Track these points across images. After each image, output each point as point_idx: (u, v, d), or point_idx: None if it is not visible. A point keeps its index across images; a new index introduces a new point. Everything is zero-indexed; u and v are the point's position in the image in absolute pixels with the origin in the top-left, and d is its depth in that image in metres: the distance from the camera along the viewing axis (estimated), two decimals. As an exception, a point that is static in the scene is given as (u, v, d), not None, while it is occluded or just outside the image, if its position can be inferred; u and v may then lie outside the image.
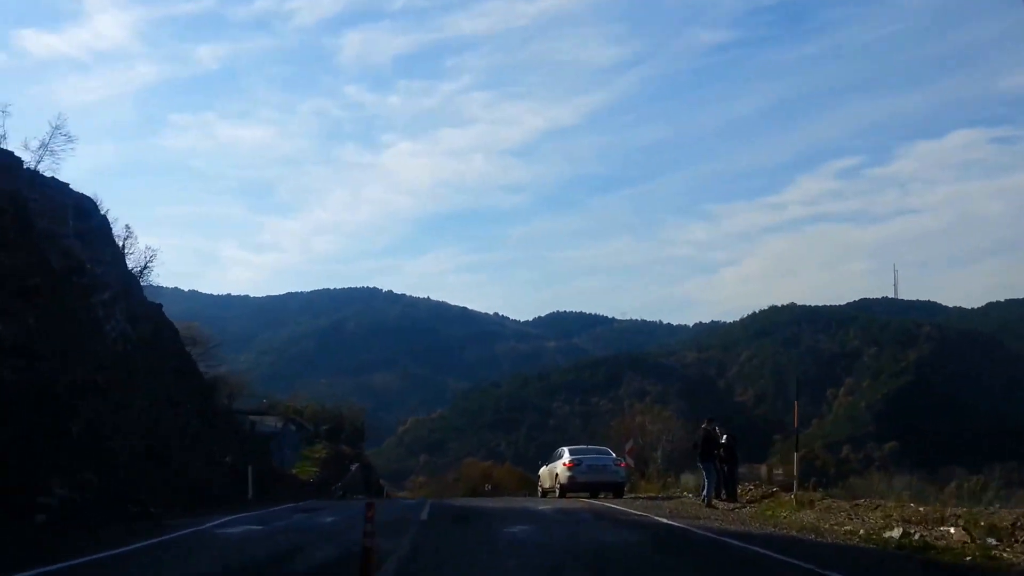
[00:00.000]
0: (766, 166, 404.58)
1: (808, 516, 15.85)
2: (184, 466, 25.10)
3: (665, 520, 15.58)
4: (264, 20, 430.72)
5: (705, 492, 20.52)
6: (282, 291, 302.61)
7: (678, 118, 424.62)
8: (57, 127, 24.27)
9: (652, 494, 27.56)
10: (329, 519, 17.15)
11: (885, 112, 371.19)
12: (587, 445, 28.77)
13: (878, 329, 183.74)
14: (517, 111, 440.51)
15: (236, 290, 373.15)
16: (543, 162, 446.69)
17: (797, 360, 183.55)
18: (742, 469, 25.59)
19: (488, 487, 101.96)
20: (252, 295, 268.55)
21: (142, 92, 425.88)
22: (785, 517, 16.26)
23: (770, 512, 17.44)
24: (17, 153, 22.91)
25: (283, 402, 76.01)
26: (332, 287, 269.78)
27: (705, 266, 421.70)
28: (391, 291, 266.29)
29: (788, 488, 20.68)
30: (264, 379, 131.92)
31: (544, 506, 20.26)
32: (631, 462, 29.29)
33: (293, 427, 68.88)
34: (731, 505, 19.92)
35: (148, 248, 38.16)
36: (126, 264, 33.57)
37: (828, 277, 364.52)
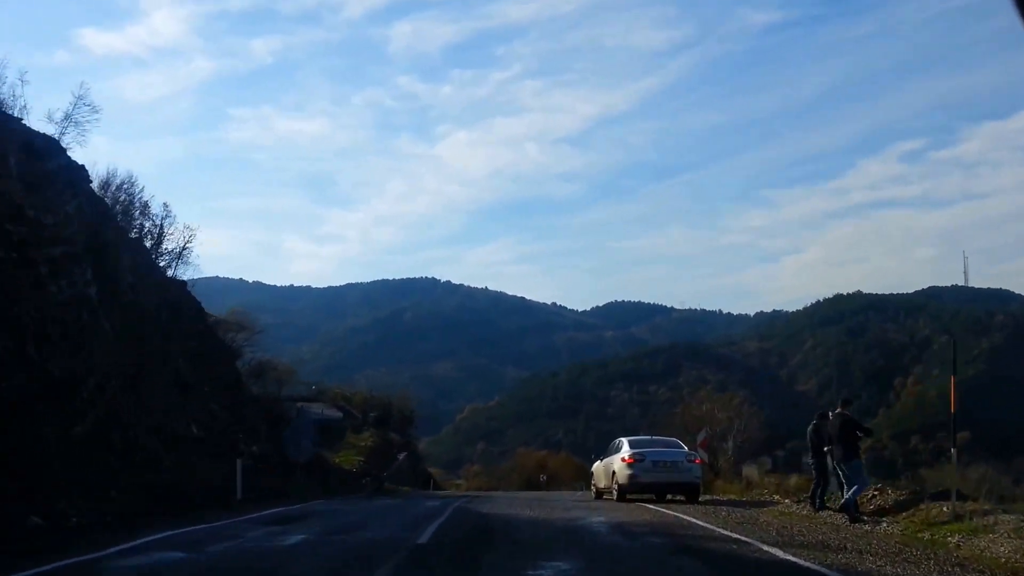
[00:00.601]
0: (826, 150, 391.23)
1: (1002, 545, 10.08)
2: (159, 459, 20.27)
3: (785, 555, 9.90)
4: (313, 12, 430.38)
5: (848, 495, 14.15)
6: (343, 282, 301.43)
7: (733, 102, 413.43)
8: (80, 97, 22.78)
9: (731, 496, 21.94)
10: (297, 539, 11.91)
11: (948, 92, 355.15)
12: (651, 436, 23.06)
13: (948, 317, 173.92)
14: (569, 99, 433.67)
15: (299, 281, 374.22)
16: (597, 150, 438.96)
17: (863, 349, 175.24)
18: (808, 461, 19.73)
19: (543, 478, 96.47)
20: (314, 286, 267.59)
21: (201, 87, 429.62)
22: (961, 546, 10.54)
23: (927, 535, 11.68)
24: (39, 126, 21.74)
25: (332, 389, 72.03)
26: (391, 278, 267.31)
27: (765, 254, 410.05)
28: (449, 281, 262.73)
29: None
30: (325, 369, 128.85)
31: (598, 517, 14.84)
32: (705, 456, 23.65)
33: (340, 414, 64.53)
34: (836, 514, 14.18)
35: (187, 227, 34.90)
36: (120, 226, 29.11)
37: (894, 264, 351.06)
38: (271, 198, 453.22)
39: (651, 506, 17.37)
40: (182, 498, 17.94)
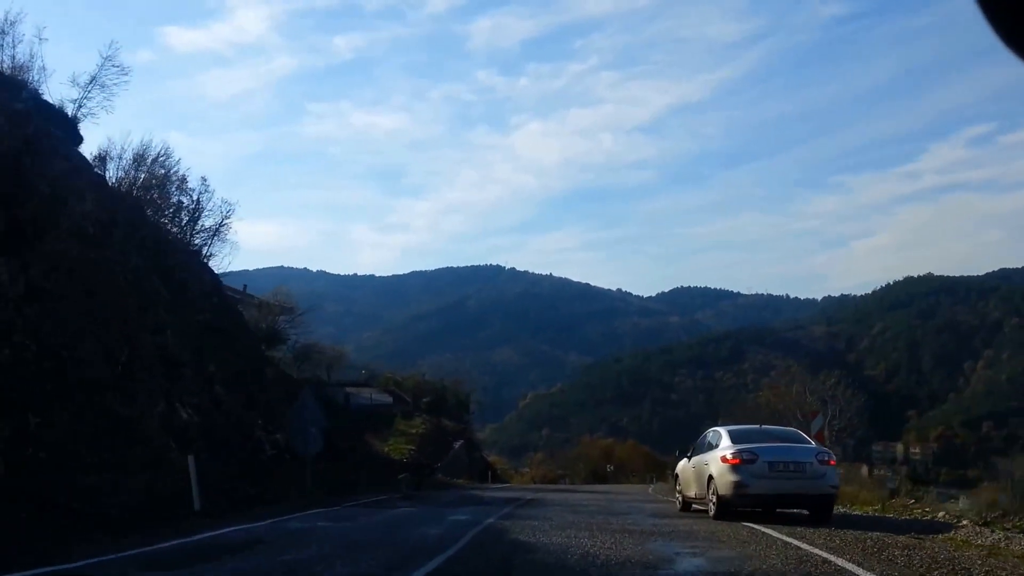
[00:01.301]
0: (896, 135, 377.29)
1: None
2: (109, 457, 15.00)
3: None
4: (397, 9, 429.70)
5: None
6: (407, 270, 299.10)
7: (804, 91, 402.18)
8: (108, 57, 21.15)
9: (867, 508, 15.78)
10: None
11: (1016, 76, 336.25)
12: (755, 426, 15.97)
13: (1020, 299, 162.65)
14: (644, 89, 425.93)
15: (363, 270, 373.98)
16: (669, 139, 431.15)
17: (933, 332, 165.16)
18: (877, 447, 13.55)
19: (610, 468, 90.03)
20: (378, 274, 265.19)
21: (281, 83, 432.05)
22: None
23: None
24: (63, 90, 20.47)
25: (383, 373, 67.16)
26: (455, 265, 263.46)
27: (835, 239, 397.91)
28: (513, 268, 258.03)
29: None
30: (388, 356, 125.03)
31: (693, 555, 9.03)
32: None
33: (390, 399, 59.61)
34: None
35: (225, 202, 32.82)
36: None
37: (964, 248, 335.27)
38: (341, 190, 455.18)
39: (768, 529, 11.31)
40: (105, 515, 12.58)
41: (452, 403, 64.03)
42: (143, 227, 25.99)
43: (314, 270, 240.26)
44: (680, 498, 16.01)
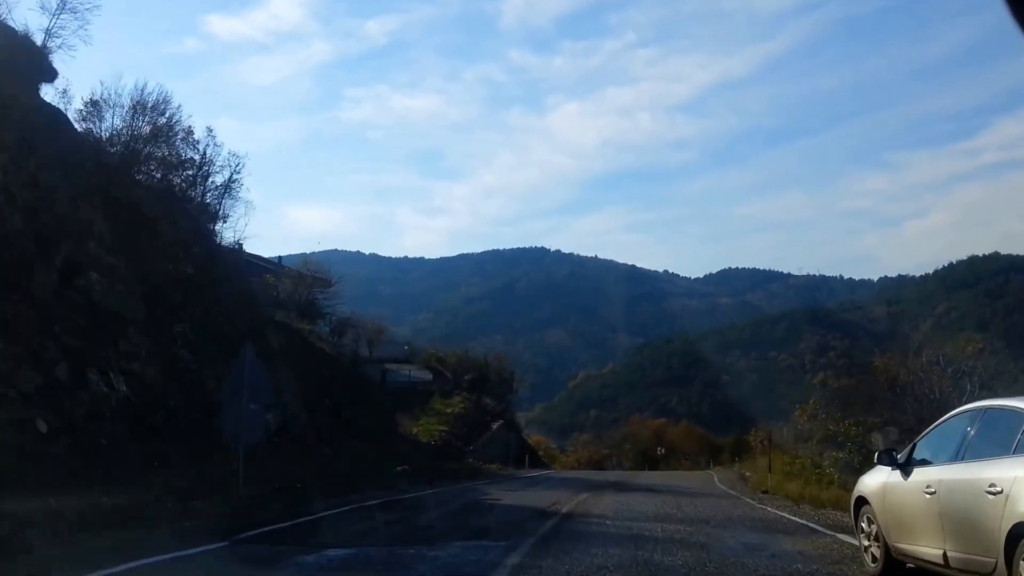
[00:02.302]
0: (954, 111, 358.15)
1: None
2: None
3: None
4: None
5: None
6: (454, 253, 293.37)
7: (853, 65, 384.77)
8: None
9: None
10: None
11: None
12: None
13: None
14: (684, 66, 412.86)
15: (412, 253, 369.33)
16: (711, 117, 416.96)
17: (1003, 312, 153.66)
18: None
19: (661, 451, 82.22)
20: (427, 257, 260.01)
21: (319, 69, 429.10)
22: None
23: None
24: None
25: (426, 350, 61.34)
26: (501, 248, 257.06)
27: (887, 219, 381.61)
28: (559, 250, 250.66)
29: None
30: (441, 337, 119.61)
31: None
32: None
33: (430, 376, 53.80)
34: None
35: (233, 155, 31.16)
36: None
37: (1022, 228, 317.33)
38: (385, 174, 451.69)
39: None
40: None
41: (495, 381, 57.77)
42: (82, 149, 19.97)
43: (367, 253, 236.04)
44: (876, 547, 7.92)
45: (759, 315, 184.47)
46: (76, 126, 22.43)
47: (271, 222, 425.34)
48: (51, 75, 20.94)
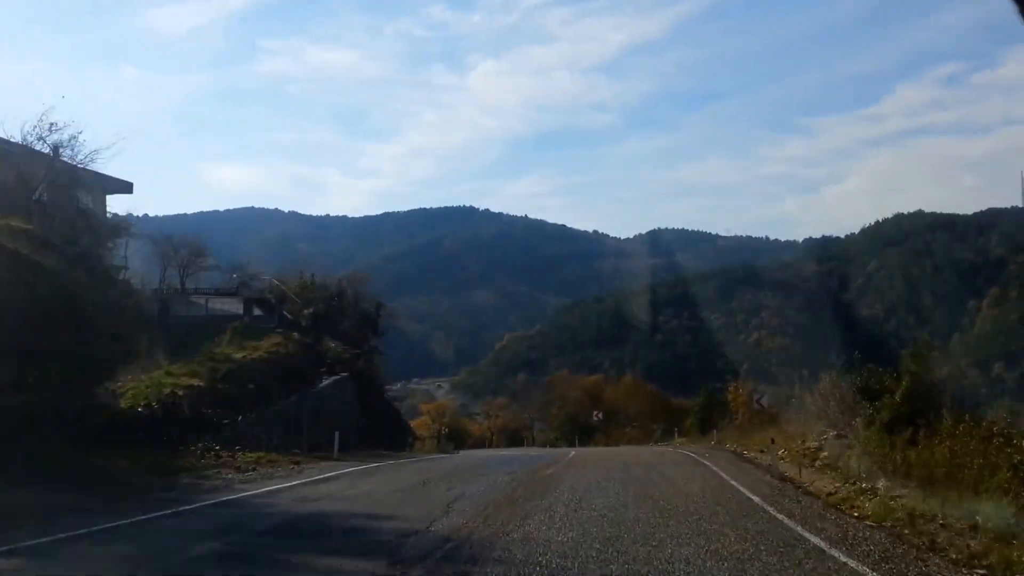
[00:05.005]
0: (861, 74, 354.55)
1: None
2: None
3: None
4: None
5: None
6: (379, 211, 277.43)
7: (766, 26, 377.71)
8: None
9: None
10: None
11: (988, 12, 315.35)
12: None
13: (1022, 235, 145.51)
14: (599, 26, 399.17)
15: (334, 211, 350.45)
16: (629, 79, 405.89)
17: (931, 270, 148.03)
18: None
19: (598, 416, 68.95)
20: (350, 216, 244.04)
21: (232, 19, 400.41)
22: None
23: None
24: None
25: (270, 279, 44.10)
26: (428, 207, 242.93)
27: (806, 184, 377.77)
28: (488, 209, 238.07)
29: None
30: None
31: None
32: None
33: (252, 310, 38.54)
34: None
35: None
36: None
37: (938, 193, 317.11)
38: (306, 132, 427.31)
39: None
40: None
41: (354, 318, 42.71)
42: None
43: (286, 211, 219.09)
44: None
45: (691, 274, 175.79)
46: None
47: (183, 178, 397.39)
48: None
